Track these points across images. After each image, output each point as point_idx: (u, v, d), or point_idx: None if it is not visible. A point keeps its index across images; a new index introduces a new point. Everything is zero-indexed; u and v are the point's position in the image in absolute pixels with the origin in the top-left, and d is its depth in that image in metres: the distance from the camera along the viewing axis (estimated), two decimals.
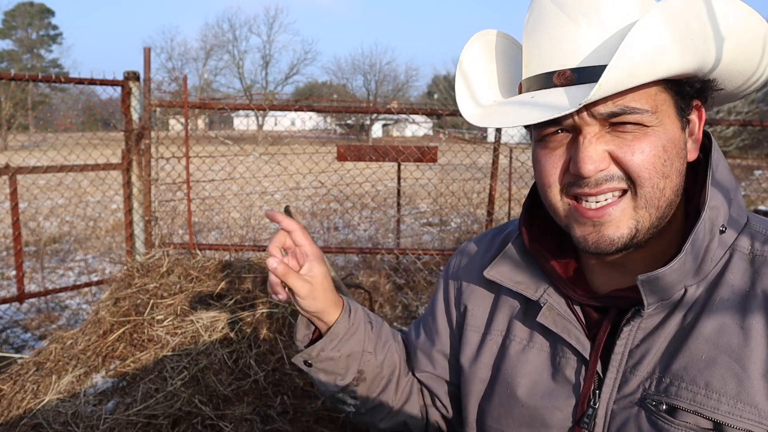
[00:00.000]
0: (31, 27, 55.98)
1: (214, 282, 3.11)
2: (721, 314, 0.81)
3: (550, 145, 0.84)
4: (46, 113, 21.60)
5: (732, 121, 5.48)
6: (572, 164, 0.81)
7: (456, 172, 6.23)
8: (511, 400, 0.96)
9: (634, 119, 0.78)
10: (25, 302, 4.47)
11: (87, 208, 9.60)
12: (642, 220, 0.82)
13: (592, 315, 0.92)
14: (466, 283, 1.09)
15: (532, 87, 0.84)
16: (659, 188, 0.80)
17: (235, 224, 8.07)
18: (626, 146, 0.79)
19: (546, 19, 0.81)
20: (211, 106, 4.88)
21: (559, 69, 0.79)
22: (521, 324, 0.99)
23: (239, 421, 2.48)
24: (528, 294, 0.96)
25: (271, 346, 2.82)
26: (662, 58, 0.73)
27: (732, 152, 19.74)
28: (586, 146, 0.79)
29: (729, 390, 0.77)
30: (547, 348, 0.95)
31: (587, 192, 0.81)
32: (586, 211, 0.82)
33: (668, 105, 0.81)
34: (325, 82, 58.92)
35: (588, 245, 0.84)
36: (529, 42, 0.85)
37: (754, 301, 0.80)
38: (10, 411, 2.53)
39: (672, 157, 0.81)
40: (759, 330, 0.78)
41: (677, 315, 0.84)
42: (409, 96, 56.22)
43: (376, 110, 5.41)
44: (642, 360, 0.84)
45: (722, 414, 0.76)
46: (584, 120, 0.79)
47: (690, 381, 0.80)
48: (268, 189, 9.64)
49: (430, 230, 8.52)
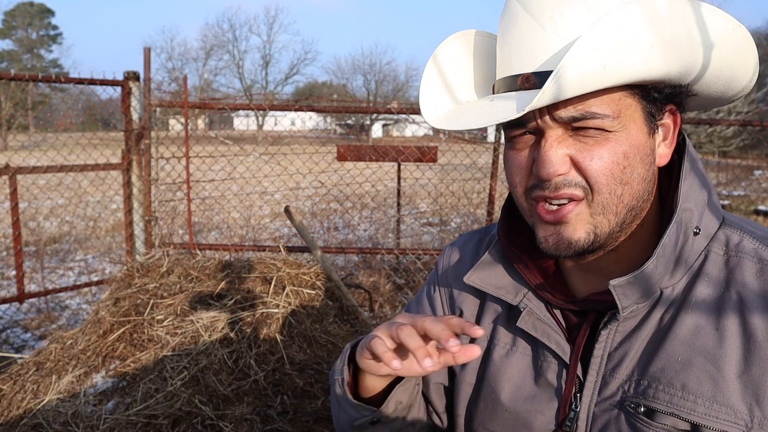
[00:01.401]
0: (31, 27, 55.99)
1: (214, 282, 3.11)
2: (697, 316, 0.82)
3: (516, 146, 0.85)
4: (46, 113, 21.61)
5: (732, 121, 5.48)
6: (535, 166, 0.82)
7: (456, 172, 6.24)
8: (495, 404, 0.96)
9: (595, 124, 0.78)
10: (25, 302, 4.47)
11: (87, 208, 9.60)
12: (600, 225, 0.82)
13: (571, 318, 0.92)
14: (458, 290, 1.08)
15: (501, 89, 0.85)
16: (617, 195, 0.80)
17: (235, 224, 8.07)
18: (586, 151, 0.79)
19: (514, 21, 0.81)
20: (211, 106, 4.88)
21: (522, 72, 0.80)
22: (504, 329, 0.99)
23: (239, 421, 2.48)
24: (508, 299, 0.96)
25: (271, 346, 2.82)
26: (615, 65, 0.72)
27: (732, 152, 19.74)
28: (547, 149, 0.79)
29: (705, 391, 0.78)
30: (530, 352, 0.95)
31: (547, 195, 0.81)
32: (545, 213, 0.83)
33: (633, 110, 0.80)
34: (325, 82, 58.97)
35: (548, 246, 0.85)
36: (500, 44, 0.85)
37: (729, 302, 0.81)
38: (10, 411, 2.53)
39: (634, 164, 0.81)
40: (733, 331, 0.79)
41: (654, 317, 0.84)
42: (409, 96, 56.20)
43: (376, 110, 5.40)
44: (621, 363, 0.85)
45: (699, 415, 0.77)
46: (547, 123, 0.79)
47: (667, 383, 0.80)
48: (268, 189, 9.64)
49: (430, 230, 8.53)
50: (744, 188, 13.97)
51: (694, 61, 0.78)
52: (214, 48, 55.25)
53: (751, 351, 0.77)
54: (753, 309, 0.79)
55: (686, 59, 0.77)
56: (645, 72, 0.75)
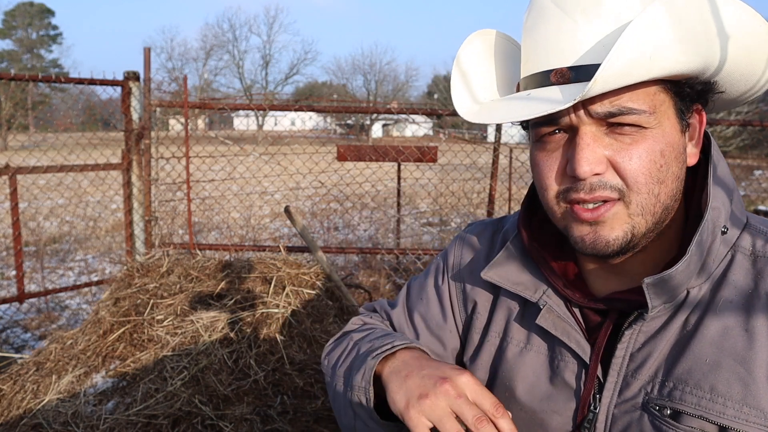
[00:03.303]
0: (31, 27, 55.97)
1: (214, 282, 3.11)
2: (725, 316, 0.80)
3: (547, 147, 0.83)
4: (46, 113, 21.62)
5: (732, 121, 5.48)
6: (569, 165, 0.80)
7: (456, 172, 6.23)
8: (509, 403, 0.95)
9: (632, 120, 0.77)
10: (25, 302, 4.47)
11: (87, 208, 9.60)
12: (638, 225, 0.81)
13: (591, 318, 0.91)
14: (470, 285, 1.07)
15: (530, 86, 0.83)
16: (654, 194, 0.79)
17: (235, 224, 8.07)
18: (624, 151, 0.78)
19: (544, 17, 0.81)
20: (211, 106, 4.88)
21: (557, 67, 0.79)
22: (519, 326, 0.98)
23: (239, 421, 2.48)
24: (527, 296, 0.94)
25: (271, 346, 2.82)
26: (661, 56, 0.72)
27: (732, 152, 19.74)
28: (583, 147, 0.78)
29: (734, 394, 0.76)
30: (545, 351, 0.94)
31: (582, 197, 0.80)
32: (582, 212, 0.81)
33: (667, 106, 0.80)
34: (325, 82, 58.96)
35: (585, 246, 0.83)
36: (528, 40, 0.84)
37: (758, 302, 0.79)
38: (10, 411, 2.53)
39: (669, 162, 0.80)
40: (763, 332, 0.77)
41: (680, 317, 0.83)
42: (409, 96, 56.26)
43: (376, 110, 5.42)
44: (644, 363, 0.83)
45: (728, 418, 0.76)
46: (581, 119, 0.78)
47: (694, 385, 0.79)
48: (268, 189, 9.64)
49: (430, 230, 8.53)
50: (744, 188, 13.96)
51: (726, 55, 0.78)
52: (214, 48, 55.26)
53: None
54: None
55: (717, 52, 0.77)
56: (685, 64, 0.75)
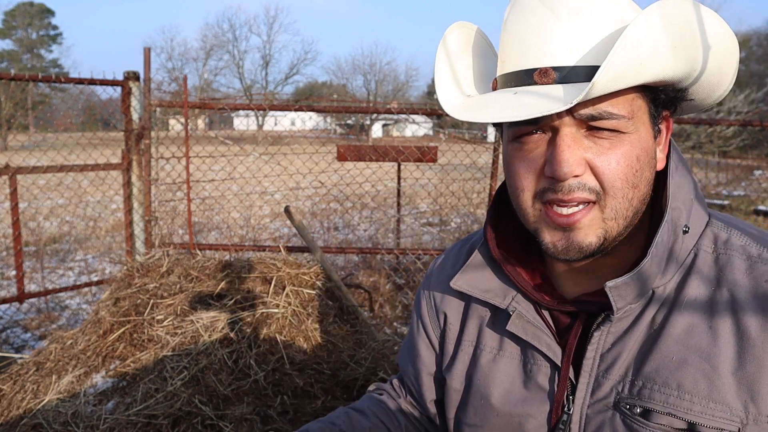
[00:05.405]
0: (31, 27, 55.98)
1: (214, 282, 3.11)
2: (690, 314, 0.82)
3: (525, 147, 0.82)
4: (46, 113, 21.62)
5: (732, 121, 5.48)
6: (548, 166, 0.80)
7: (456, 172, 6.22)
8: (486, 410, 0.96)
9: (611, 125, 0.77)
10: (25, 302, 4.47)
11: (87, 208, 9.60)
12: (610, 229, 0.81)
13: (561, 320, 0.92)
14: (440, 298, 1.07)
15: (510, 83, 0.82)
16: (628, 198, 0.80)
17: (235, 224, 8.07)
18: (603, 155, 0.78)
19: (528, 14, 0.80)
20: (211, 106, 4.88)
21: (540, 66, 0.78)
22: (491, 332, 0.98)
23: (239, 421, 2.48)
24: (496, 302, 0.94)
25: (271, 346, 2.82)
26: (654, 60, 0.73)
27: (732, 152, 19.74)
28: (564, 149, 0.78)
29: (700, 390, 0.78)
30: (518, 355, 0.94)
31: (559, 198, 0.80)
32: (557, 217, 0.81)
33: (643, 112, 0.81)
34: (325, 82, 58.95)
35: (557, 251, 0.83)
36: (507, 37, 0.83)
37: (721, 300, 0.81)
38: (10, 411, 2.53)
39: (643, 167, 0.81)
40: (727, 329, 0.79)
41: (646, 317, 0.84)
42: (409, 96, 56.25)
43: (376, 110, 5.41)
44: (614, 364, 0.84)
45: (695, 414, 0.78)
46: (563, 121, 0.78)
47: (662, 383, 0.80)
48: (268, 189, 9.64)
49: (430, 230, 8.52)
50: (744, 188, 13.97)
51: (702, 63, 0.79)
52: (214, 48, 55.25)
53: (744, 348, 0.77)
54: (745, 307, 0.79)
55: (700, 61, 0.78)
56: (673, 70, 0.76)
